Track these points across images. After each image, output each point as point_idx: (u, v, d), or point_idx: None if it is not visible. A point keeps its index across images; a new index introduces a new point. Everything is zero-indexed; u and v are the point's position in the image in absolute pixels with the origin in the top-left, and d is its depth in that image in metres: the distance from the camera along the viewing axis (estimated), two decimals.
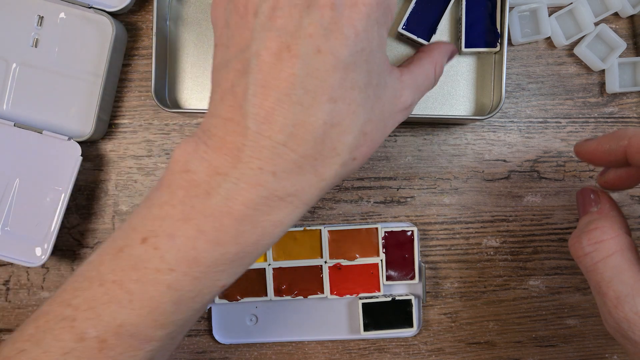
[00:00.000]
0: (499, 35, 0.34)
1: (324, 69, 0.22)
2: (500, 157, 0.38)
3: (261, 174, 0.22)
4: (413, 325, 0.37)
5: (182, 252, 0.22)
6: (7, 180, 0.35)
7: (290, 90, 0.22)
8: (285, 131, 0.22)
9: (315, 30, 0.22)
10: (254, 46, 0.22)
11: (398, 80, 0.26)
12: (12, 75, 0.35)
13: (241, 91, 0.22)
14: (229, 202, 0.22)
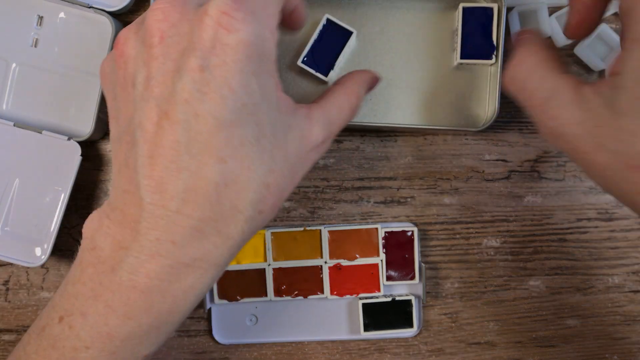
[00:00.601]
0: (495, 47, 0.34)
1: (206, 131, 0.22)
2: (501, 157, 0.38)
3: (160, 244, 0.22)
4: (413, 325, 0.36)
5: (95, 329, 0.23)
6: (6, 181, 0.35)
7: (175, 157, 0.22)
8: (177, 198, 0.22)
9: (190, 95, 0.22)
10: (136, 118, 0.23)
11: (305, 119, 0.25)
12: (11, 75, 0.35)
13: (132, 163, 0.23)
14: (132, 275, 0.22)
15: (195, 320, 0.38)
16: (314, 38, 0.34)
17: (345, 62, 0.36)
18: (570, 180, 0.38)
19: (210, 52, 0.22)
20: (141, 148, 0.22)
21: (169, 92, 0.22)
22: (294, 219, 0.37)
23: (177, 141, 0.22)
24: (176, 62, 0.22)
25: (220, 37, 0.22)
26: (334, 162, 0.38)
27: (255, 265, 0.36)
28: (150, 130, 0.22)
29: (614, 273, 0.38)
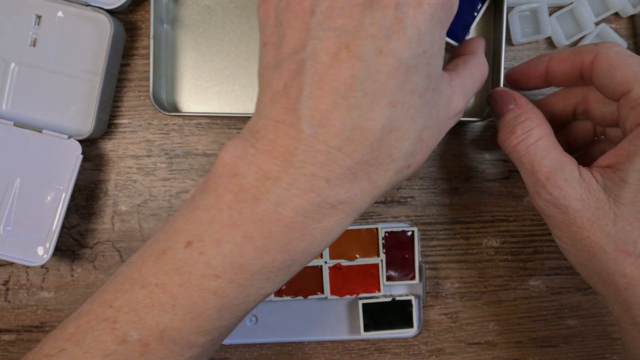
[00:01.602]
0: (468, 32, 0.33)
1: (385, 71, 0.21)
2: (501, 157, 0.38)
3: (314, 180, 0.21)
4: (413, 325, 0.36)
5: (228, 259, 0.22)
6: (7, 180, 0.35)
7: (348, 92, 0.21)
8: (341, 135, 0.21)
9: (377, 31, 0.21)
10: (310, 46, 0.21)
11: (449, 85, 0.25)
12: (11, 75, 0.35)
13: (295, 93, 0.21)
14: (278, 208, 0.21)
15: None
16: None
17: None
18: None
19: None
20: (311, 78, 0.21)
21: (354, 25, 0.21)
22: None
23: (354, 76, 0.21)
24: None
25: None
26: None
27: None
28: (325, 62, 0.21)
29: None
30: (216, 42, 0.36)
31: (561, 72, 0.30)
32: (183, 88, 0.37)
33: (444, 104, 0.24)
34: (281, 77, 0.22)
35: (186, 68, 0.36)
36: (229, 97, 0.36)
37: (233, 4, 0.36)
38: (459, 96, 0.25)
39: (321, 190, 0.21)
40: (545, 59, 0.30)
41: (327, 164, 0.21)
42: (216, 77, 0.36)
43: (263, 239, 0.22)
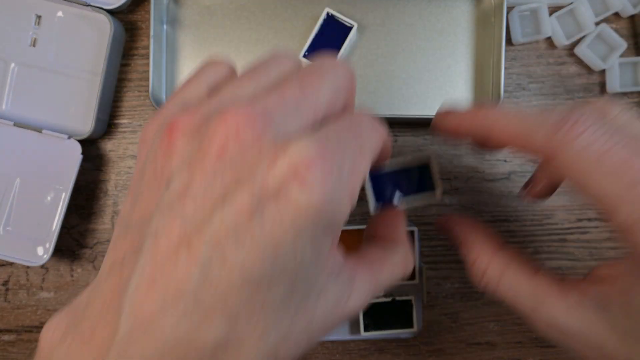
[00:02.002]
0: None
1: (226, 282, 0.17)
2: (501, 157, 0.38)
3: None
4: (413, 325, 0.36)
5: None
6: (7, 180, 0.35)
7: (179, 297, 0.17)
8: (160, 348, 0.17)
9: (225, 235, 0.17)
10: (154, 224, 0.18)
11: (346, 284, 0.21)
12: (10, 75, 0.35)
13: (127, 274, 0.18)
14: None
15: None
16: (314, 32, 0.35)
17: (346, 55, 0.36)
18: None
19: (270, 200, 0.17)
20: (145, 263, 0.18)
21: (202, 218, 0.17)
22: None
23: (189, 280, 0.17)
24: (225, 189, 0.17)
25: (289, 189, 0.17)
26: None
27: None
28: (163, 251, 0.17)
29: None
30: (216, 42, 0.36)
31: (508, 144, 0.24)
32: None
33: (328, 306, 0.20)
34: (124, 243, 0.19)
35: (186, 68, 0.36)
36: None
37: (233, 4, 0.36)
38: (359, 295, 0.21)
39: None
40: (486, 122, 0.24)
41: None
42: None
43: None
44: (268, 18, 0.36)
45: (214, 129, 0.18)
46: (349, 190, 0.18)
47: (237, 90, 0.19)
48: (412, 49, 0.36)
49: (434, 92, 0.36)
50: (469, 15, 0.36)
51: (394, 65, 0.36)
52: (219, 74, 0.21)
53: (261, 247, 0.17)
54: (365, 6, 0.36)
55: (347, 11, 0.35)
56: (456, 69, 0.36)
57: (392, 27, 0.36)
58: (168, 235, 0.17)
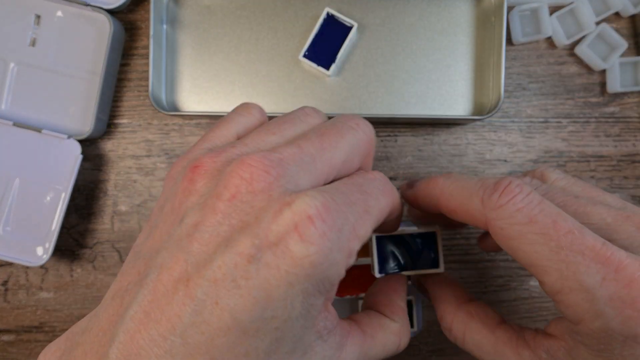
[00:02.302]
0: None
1: (215, 325, 0.17)
2: (501, 157, 0.38)
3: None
4: (414, 325, 0.36)
5: None
6: (7, 180, 0.35)
7: (167, 333, 0.18)
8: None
9: (223, 277, 0.17)
10: (160, 257, 0.19)
11: (335, 348, 0.21)
12: (10, 75, 0.35)
13: (127, 303, 0.19)
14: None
15: None
16: (314, 32, 0.34)
17: (346, 55, 0.36)
18: None
19: (269, 248, 0.18)
20: (143, 297, 0.18)
21: (205, 258, 0.18)
22: None
23: (179, 316, 0.18)
24: (231, 232, 0.18)
25: (288, 240, 0.18)
26: None
27: None
28: (163, 285, 0.18)
29: None
30: (216, 42, 0.36)
31: (453, 214, 0.24)
32: (183, 88, 0.36)
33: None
34: (131, 272, 0.20)
35: (186, 68, 0.36)
36: (228, 97, 0.36)
37: (233, 4, 0.36)
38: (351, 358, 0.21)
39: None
40: (434, 192, 0.25)
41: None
42: (216, 77, 0.36)
43: None
44: (268, 18, 0.36)
45: (230, 173, 0.19)
46: (347, 250, 0.19)
47: (261, 139, 0.21)
48: (412, 49, 0.36)
49: (434, 92, 0.36)
50: (469, 15, 0.36)
51: (394, 65, 0.36)
52: (249, 121, 0.22)
53: (254, 292, 0.17)
54: (365, 6, 0.36)
55: (347, 11, 0.35)
56: (456, 69, 0.36)
57: (392, 27, 0.36)
58: (171, 270, 0.18)
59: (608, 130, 0.38)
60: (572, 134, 0.38)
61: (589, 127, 0.38)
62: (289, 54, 0.36)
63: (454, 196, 0.23)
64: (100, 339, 0.19)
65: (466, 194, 0.22)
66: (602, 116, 0.38)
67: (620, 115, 0.38)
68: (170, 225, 0.20)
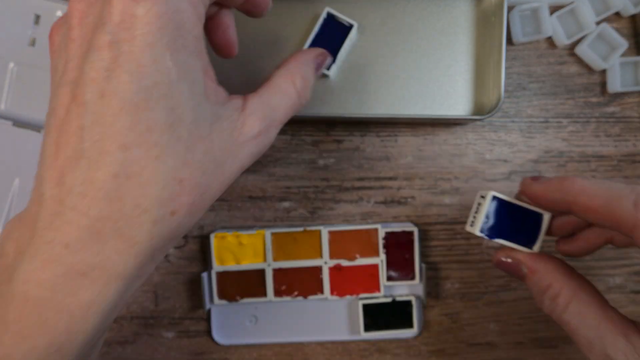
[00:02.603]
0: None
1: (110, 112, 0.19)
2: (501, 157, 0.37)
3: (53, 247, 0.19)
4: (413, 326, 0.36)
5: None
6: (6, 180, 0.35)
7: (78, 144, 0.19)
8: (74, 192, 0.19)
9: (97, 74, 0.19)
10: (51, 104, 0.21)
11: (237, 110, 0.23)
12: (9, 75, 0.35)
13: (41, 155, 0.21)
14: (25, 285, 0.19)
15: (194, 320, 0.37)
16: (314, 32, 0.34)
17: (346, 55, 0.36)
18: None
19: (118, 26, 0.19)
20: (50, 136, 0.20)
21: (79, 74, 0.20)
22: (294, 220, 0.37)
23: (81, 126, 0.19)
24: (88, 42, 0.20)
25: (129, 9, 0.19)
26: (334, 162, 0.37)
27: (255, 266, 0.36)
28: (60, 116, 0.20)
29: (615, 274, 0.38)
30: None
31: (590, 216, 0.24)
32: None
33: (225, 131, 0.22)
34: (44, 140, 0.22)
35: None
36: None
37: None
38: (254, 118, 0.23)
39: (62, 258, 0.19)
40: (571, 195, 0.24)
41: (64, 227, 0.19)
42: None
43: (17, 322, 0.19)
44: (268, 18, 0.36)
45: (69, 7, 0.21)
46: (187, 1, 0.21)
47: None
48: (412, 49, 0.36)
49: (434, 92, 0.36)
50: (469, 14, 0.36)
51: (394, 65, 0.36)
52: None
53: (125, 68, 0.19)
54: (365, 6, 0.36)
55: (347, 11, 0.35)
56: (456, 69, 0.36)
57: (392, 27, 0.36)
58: (62, 104, 0.20)
59: (608, 130, 0.38)
60: (572, 134, 0.37)
61: (589, 127, 0.38)
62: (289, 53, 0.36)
63: (598, 196, 0.23)
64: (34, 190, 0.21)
65: (614, 195, 0.22)
66: (603, 116, 0.38)
67: (621, 115, 0.38)
68: (52, 80, 0.22)
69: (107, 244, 0.20)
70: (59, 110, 0.20)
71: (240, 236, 0.36)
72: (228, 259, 0.36)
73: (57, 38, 0.22)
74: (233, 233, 0.36)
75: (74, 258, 0.19)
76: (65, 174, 0.19)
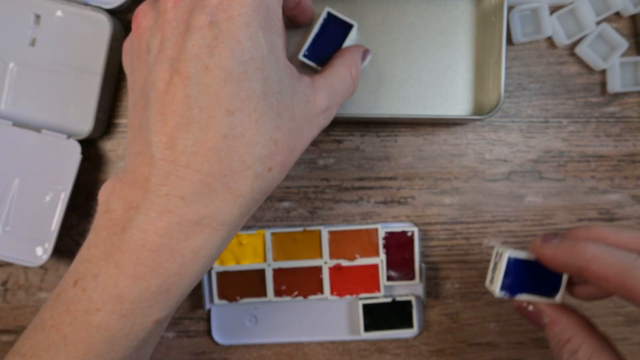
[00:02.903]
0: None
1: (214, 83, 0.22)
2: (501, 157, 0.37)
3: (169, 200, 0.22)
4: (413, 326, 0.36)
5: (105, 291, 0.22)
6: (6, 180, 0.35)
7: (186, 111, 0.22)
8: (187, 152, 0.22)
9: (200, 50, 0.22)
10: (150, 80, 0.23)
11: (309, 86, 0.26)
12: (9, 75, 0.35)
13: (145, 124, 0.23)
14: (142, 234, 0.22)
15: (194, 320, 0.37)
16: (314, 32, 0.34)
17: None
18: (571, 181, 0.37)
19: (217, 8, 0.22)
20: (154, 107, 0.22)
21: (180, 51, 0.22)
22: (294, 219, 0.37)
23: (188, 95, 0.22)
24: (187, 23, 0.23)
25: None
26: (334, 162, 0.37)
27: (255, 266, 0.36)
28: (162, 89, 0.22)
29: None
30: None
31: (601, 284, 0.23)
32: None
33: (302, 103, 0.25)
34: (136, 114, 0.24)
35: None
36: None
37: None
38: (323, 94, 0.27)
39: (178, 209, 0.22)
40: (583, 261, 0.24)
41: (178, 182, 0.22)
42: None
43: (133, 266, 0.22)
44: None
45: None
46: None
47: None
48: (412, 48, 0.36)
49: (434, 92, 0.36)
50: (469, 14, 0.36)
51: (394, 65, 0.36)
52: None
53: (227, 44, 0.22)
54: (365, 6, 0.36)
55: (347, 11, 0.35)
56: (456, 69, 0.36)
57: (392, 27, 0.36)
58: (162, 78, 0.22)
59: (608, 130, 0.38)
60: (572, 134, 0.37)
61: (589, 127, 0.38)
62: (289, 53, 0.36)
63: (611, 265, 0.23)
64: (139, 155, 0.23)
65: (627, 266, 0.22)
66: (603, 116, 0.38)
67: (621, 115, 0.38)
68: (143, 63, 0.24)
69: (217, 196, 0.22)
70: (159, 84, 0.22)
71: (240, 236, 0.36)
72: (228, 258, 0.36)
73: (145, 21, 0.24)
74: None
75: (188, 209, 0.22)
76: (176, 137, 0.22)
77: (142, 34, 0.25)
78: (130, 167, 0.23)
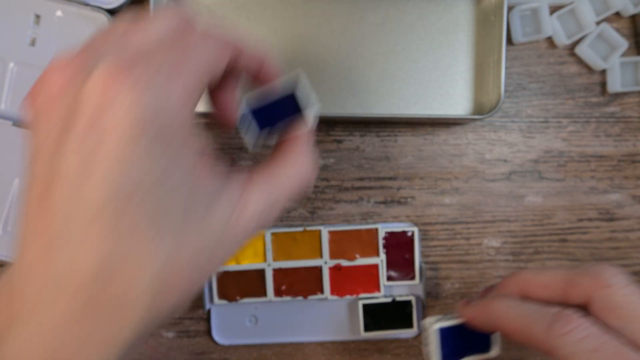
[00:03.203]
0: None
1: (89, 206, 0.18)
2: (501, 157, 0.37)
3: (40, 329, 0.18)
4: (413, 326, 0.36)
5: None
6: (6, 180, 0.35)
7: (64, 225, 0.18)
8: (60, 273, 0.18)
9: (73, 172, 0.18)
10: (24, 184, 0.20)
11: (239, 189, 0.21)
12: (9, 75, 0.35)
13: (23, 227, 0.20)
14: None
15: (194, 320, 0.37)
16: (275, 96, 0.25)
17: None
18: (571, 181, 0.37)
19: (92, 128, 0.18)
20: (26, 215, 0.19)
21: (52, 166, 0.18)
22: (294, 219, 0.37)
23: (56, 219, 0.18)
24: (59, 136, 0.19)
25: (104, 107, 0.18)
26: (334, 162, 0.37)
27: (255, 266, 0.36)
28: (34, 205, 0.19)
29: None
30: None
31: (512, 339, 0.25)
32: None
33: (225, 210, 0.20)
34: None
35: None
36: None
37: (233, 4, 0.36)
38: (259, 196, 0.21)
39: (50, 340, 0.18)
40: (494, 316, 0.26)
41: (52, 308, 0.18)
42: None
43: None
44: (268, 18, 0.36)
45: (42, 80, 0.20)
46: (174, 92, 0.19)
47: None
48: (412, 48, 0.36)
49: (434, 92, 0.36)
50: (469, 14, 0.36)
51: (394, 65, 0.36)
52: None
53: (104, 170, 0.18)
54: (365, 6, 0.36)
55: (347, 10, 0.35)
56: (456, 69, 0.36)
57: (392, 27, 0.36)
58: (36, 185, 0.19)
59: (608, 130, 0.38)
60: (572, 134, 0.37)
61: (589, 127, 0.38)
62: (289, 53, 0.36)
63: (516, 320, 0.25)
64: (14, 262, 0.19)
65: (528, 320, 0.24)
66: (603, 116, 0.38)
67: (621, 115, 0.38)
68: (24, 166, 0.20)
69: (95, 330, 0.18)
70: (32, 192, 0.19)
71: None
72: None
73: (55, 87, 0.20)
74: None
75: (62, 340, 0.18)
76: (53, 254, 0.18)
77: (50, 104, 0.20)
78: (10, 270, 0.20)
